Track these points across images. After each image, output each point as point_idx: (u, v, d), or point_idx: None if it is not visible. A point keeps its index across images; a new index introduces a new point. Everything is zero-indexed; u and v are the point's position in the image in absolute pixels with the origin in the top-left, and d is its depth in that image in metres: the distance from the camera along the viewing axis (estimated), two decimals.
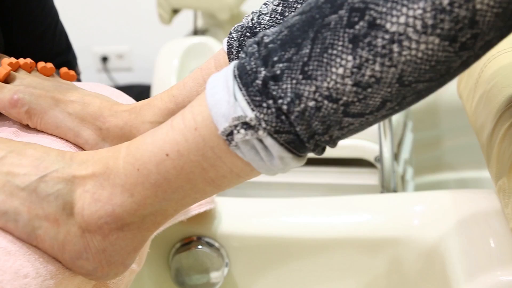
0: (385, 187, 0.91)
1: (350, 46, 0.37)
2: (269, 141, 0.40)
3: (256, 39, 0.41)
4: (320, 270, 0.79)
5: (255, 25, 0.52)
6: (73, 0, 2.43)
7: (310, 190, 1.01)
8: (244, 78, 0.40)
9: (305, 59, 0.38)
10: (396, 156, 0.99)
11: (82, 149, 0.58)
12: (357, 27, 0.36)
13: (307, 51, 0.38)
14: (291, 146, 0.41)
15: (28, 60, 0.60)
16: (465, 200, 0.72)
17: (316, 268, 0.79)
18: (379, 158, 0.90)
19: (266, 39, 0.40)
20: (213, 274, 0.79)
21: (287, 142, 0.40)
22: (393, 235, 0.75)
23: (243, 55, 0.41)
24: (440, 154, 1.43)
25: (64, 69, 0.63)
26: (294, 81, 0.39)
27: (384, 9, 0.36)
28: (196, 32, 1.82)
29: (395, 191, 0.92)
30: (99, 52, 2.57)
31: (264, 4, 0.54)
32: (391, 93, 0.38)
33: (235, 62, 0.42)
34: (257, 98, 0.40)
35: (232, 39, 0.53)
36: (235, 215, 0.80)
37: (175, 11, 1.67)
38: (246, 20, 0.53)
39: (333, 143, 0.41)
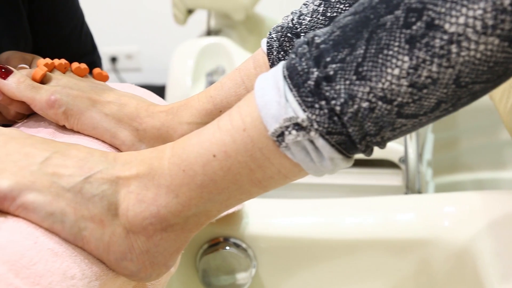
0: (410, 188, 0.90)
1: (407, 46, 0.37)
2: (320, 142, 0.40)
3: (305, 39, 0.41)
4: (347, 272, 0.79)
5: (296, 25, 0.52)
6: (82, 0, 2.44)
7: (332, 191, 1.00)
8: (295, 78, 0.40)
9: (359, 59, 0.38)
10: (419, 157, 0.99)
11: (118, 150, 0.58)
12: (414, 27, 0.36)
13: (361, 51, 0.38)
14: (342, 147, 0.41)
15: (63, 61, 0.60)
16: (496, 201, 0.72)
17: (344, 270, 0.79)
18: (404, 159, 0.90)
19: (317, 40, 0.40)
20: (240, 275, 0.79)
21: (338, 143, 0.40)
22: (422, 236, 0.75)
23: (293, 56, 0.41)
24: (457, 155, 1.43)
25: (97, 70, 0.63)
26: (347, 82, 0.38)
27: (443, 10, 0.35)
28: (209, 32, 1.82)
29: (419, 192, 0.92)
30: (108, 53, 2.57)
31: (304, 4, 0.53)
32: (446, 94, 0.37)
33: (283, 63, 0.42)
34: (309, 99, 0.39)
35: (272, 40, 0.53)
36: (262, 216, 0.80)
37: (190, 12, 1.68)
38: (286, 21, 0.53)
39: (383, 144, 0.41)
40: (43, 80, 0.58)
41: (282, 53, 0.52)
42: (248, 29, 1.83)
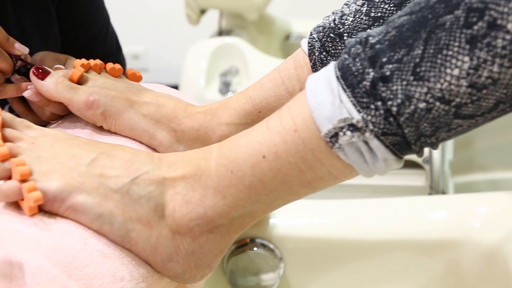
0: (434, 189, 0.90)
1: (467, 47, 0.36)
2: (375, 143, 0.40)
3: (358, 39, 0.41)
4: (375, 273, 0.79)
5: (338, 25, 0.52)
6: None
7: (355, 191, 1.00)
8: (349, 79, 0.40)
9: (417, 60, 0.38)
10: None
11: (156, 151, 0.57)
12: (475, 27, 0.36)
13: (419, 52, 0.38)
14: (396, 148, 0.40)
15: (98, 61, 0.60)
16: None
17: (372, 270, 0.79)
18: (428, 159, 0.90)
19: (372, 40, 0.40)
20: (268, 276, 0.79)
21: (393, 144, 0.40)
22: (452, 237, 0.75)
23: (346, 56, 0.41)
24: (472, 155, 1.43)
25: (131, 70, 0.63)
26: (404, 83, 0.38)
27: (506, 9, 0.35)
28: (221, 32, 1.81)
29: (443, 192, 0.91)
30: None
31: (345, 4, 0.53)
32: (506, 95, 0.37)
33: (334, 63, 0.42)
34: (364, 100, 0.39)
35: (313, 40, 0.53)
36: (290, 216, 0.80)
37: (202, 12, 1.67)
38: (328, 21, 0.53)
39: (437, 145, 0.41)
40: (80, 81, 0.58)
41: (324, 53, 0.52)
42: (258, 29, 1.83)
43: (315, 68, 0.53)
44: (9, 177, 0.44)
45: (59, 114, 0.60)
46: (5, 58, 0.56)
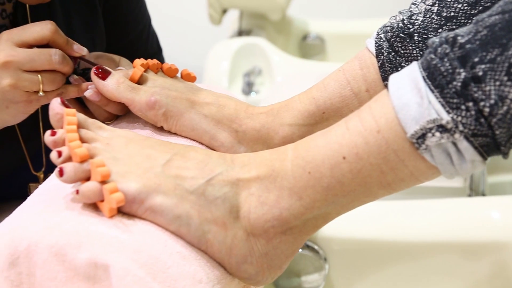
0: (474, 190, 0.90)
1: None
2: (464, 144, 0.39)
3: (443, 39, 0.40)
4: (421, 274, 0.78)
5: (408, 25, 0.51)
6: None
7: None
8: (437, 79, 0.39)
9: None
10: None
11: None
12: None
13: None
14: (484, 150, 0.40)
15: (155, 61, 0.60)
16: None
17: (417, 272, 0.78)
18: None
19: (461, 39, 0.39)
20: (312, 277, 0.78)
21: (481, 146, 0.40)
22: (499, 239, 0.74)
23: (432, 56, 0.40)
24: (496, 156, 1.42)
25: (186, 71, 0.62)
26: (497, 83, 0.38)
27: None
28: (240, 33, 1.81)
29: (483, 194, 0.91)
30: None
31: (413, 3, 0.52)
32: None
33: (418, 63, 0.41)
34: (454, 100, 0.39)
35: (381, 40, 0.52)
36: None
37: (224, 11, 1.67)
38: (395, 21, 0.52)
39: None
40: (139, 81, 0.57)
41: (393, 53, 0.51)
42: (276, 29, 1.83)
43: (382, 69, 0.52)
44: (87, 178, 0.43)
45: (115, 115, 0.59)
46: (67, 62, 0.56)
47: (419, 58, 0.50)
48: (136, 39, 0.81)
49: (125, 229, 0.42)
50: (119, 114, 0.59)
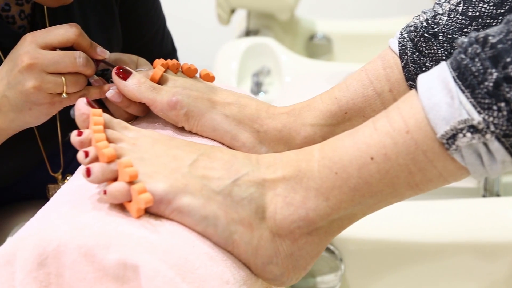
0: (488, 191, 0.89)
1: None
2: (495, 145, 0.39)
3: (473, 39, 0.40)
4: (437, 275, 0.78)
5: (432, 25, 0.51)
6: None
7: None
8: (468, 79, 0.39)
9: None
10: None
11: None
12: None
13: None
14: None
15: (175, 61, 0.60)
16: None
17: (433, 273, 0.78)
18: None
19: (492, 39, 0.39)
20: (328, 277, 0.78)
21: None
22: None
23: (462, 56, 0.40)
24: None
25: (204, 71, 0.62)
26: None
27: None
28: (248, 33, 1.81)
29: (497, 195, 0.91)
30: None
31: (437, 3, 0.52)
32: None
33: (447, 63, 0.41)
34: (486, 101, 0.38)
35: (405, 40, 0.52)
36: None
37: (232, 11, 1.67)
38: (419, 20, 0.52)
39: None
40: (160, 81, 0.57)
41: (417, 53, 0.51)
42: (284, 29, 1.83)
43: (406, 69, 0.52)
44: (114, 179, 0.43)
45: (134, 116, 0.59)
46: (91, 64, 0.56)
47: (444, 58, 0.50)
48: (151, 40, 0.80)
49: (153, 229, 0.42)
50: (139, 115, 0.59)
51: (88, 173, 0.43)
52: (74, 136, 0.45)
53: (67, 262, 0.40)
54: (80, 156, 0.44)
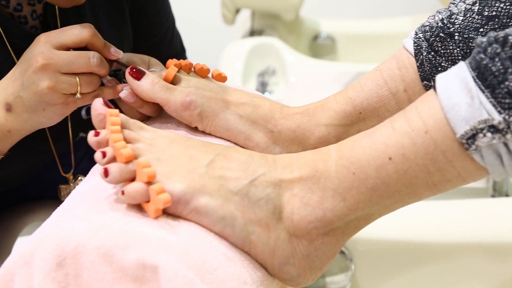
0: (497, 191, 0.89)
1: None
2: None
3: (492, 38, 0.40)
4: (447, 275, 0.78)
5: (448, 25, 0.51)
6: None
7: None
8: (488, 79, 0.39)
9: None
10: None
11: None
12: None
13: None
14: None
15: (187, 61, 0.60)
16: None
17: (443, 273, 0.78)
18: None
19: None
20: (338, 278, 0.78)
21: None
22: None
23: (482, 55, 0.40)
24: None
25: (216, 71, 0.62)
26: None
27: None
28: (252, 33, 1.81)
29: (507, 195, 0.90)
30: None
31: (452, 3, 0.52)
32: None
33: (465, 63, 0.41)
34: (506, 101, 0.38)
35: (420, 40, 0.52)
36: None
37: (237, 11, 1.67)
38: (434, 20, 0.52)
39: None
40: (173, 81, 0.57)
41: (432, 53, 0.51)
42: (288, 29, 1.83)
43: (422, 68, 0.52)
44: (132, 179, 0.43)
45: (149, 116, 0.59)
46: (105, 64, 0.56)
47: (460, 57, 0.50)
48: (161, 40, 0.80)
49: (171, 230, 0.42)
50: (152, 115, 0.58)
51: (106, 173, 0.43)
52: (91, 137, 0.44)
53: (85, 263, 0.40)
54: (97, 156, 0.44)
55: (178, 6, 2.40)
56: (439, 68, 0.51)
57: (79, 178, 0.70)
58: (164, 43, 0.81)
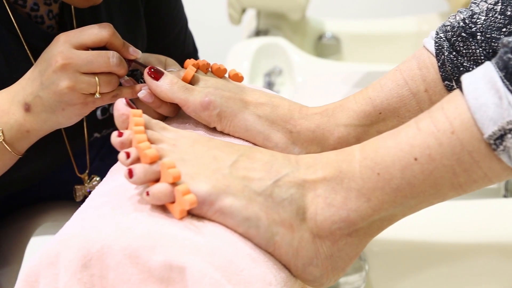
0: (509, 191, 0.89)
1: None
2: None
3: None
4: (461, 276, 0.78)
5: (469, 24, 0.50)
6: None
7: None
8: None
9: None
10: None
11: None
12: None
13: None
14: None
15: (205, 61, 0.59)
16: None
17: (457, 274, 0.78)
18: None
19: None
20: (353, 278, 0.78)
21: None
22: None
23: (510, 56, 0.39)
24: None
25: (233, 71, 0.62)
26: None
27: None
28: (258, 33, 1.81)
29: None
30: None
31: (473, 2, 0.52)
32: None
33: (492, 63, 0.41)
34: None
35: (441, 40, 0.52)
36: None
37: (243, 11, 1.67)
38: (455, 20, 0.52)
39: None
40: (191, 81, 0.57)
41: (454, 53, 0.51)
42: (293, 29, 1.82)
43: (443, 69, 0.52)
44: (156, 180, 0.43)
45: (166, 116, 0.59)
46: (124, 64, 0.55)
47: (482, 57, 0.50)
48: (174, 40, 0.80)
49: (197, 231, 0.41)
50: (170, 115, 0.58)
51: (130, 174, 0.42)
52: (114, 137, 0.44)
53: (111, 264, 0.40)
54: (121, 157, 0.43)
55: (184, 6, 2.40)
56: (461, 68, 0.51)
57: (94, 178, 0.70)
58: (177, 43, 0.81)
